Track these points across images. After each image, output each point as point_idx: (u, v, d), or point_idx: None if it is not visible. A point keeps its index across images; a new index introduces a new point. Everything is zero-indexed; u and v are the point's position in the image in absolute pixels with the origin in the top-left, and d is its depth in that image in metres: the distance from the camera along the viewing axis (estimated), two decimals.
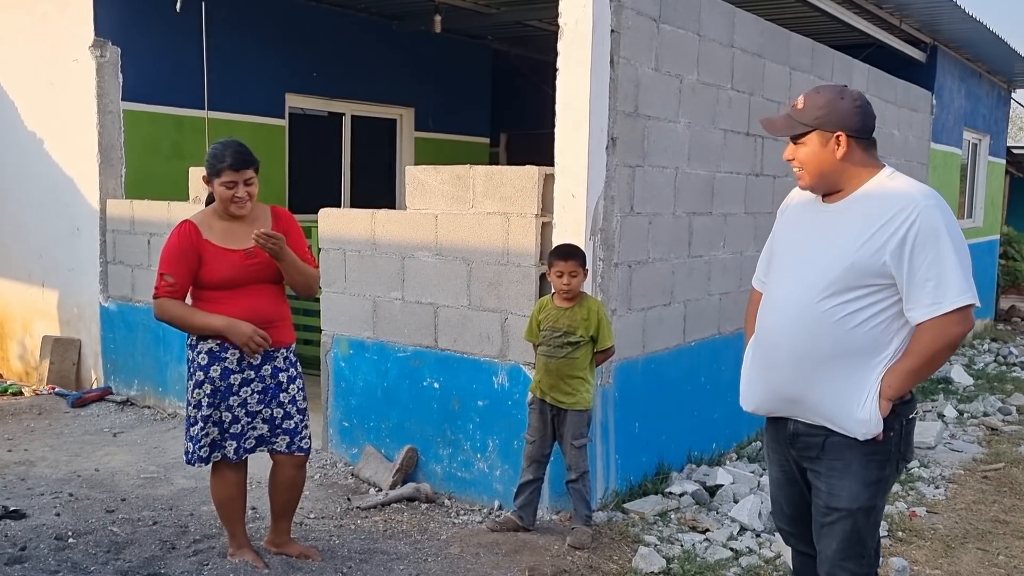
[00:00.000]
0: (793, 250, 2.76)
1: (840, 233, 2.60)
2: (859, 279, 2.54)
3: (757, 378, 2.82)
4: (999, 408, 7.58)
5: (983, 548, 4.47)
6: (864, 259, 2.52)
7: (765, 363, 2.78)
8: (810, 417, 2.70)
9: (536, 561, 3.96)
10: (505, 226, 4.56)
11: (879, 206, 2.55)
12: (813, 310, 2.60)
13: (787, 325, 2.67)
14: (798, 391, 2.68)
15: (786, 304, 2.69)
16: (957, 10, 7.98)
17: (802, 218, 2.79)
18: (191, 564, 3.80)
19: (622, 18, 4.49)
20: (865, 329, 2.56)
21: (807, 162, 2.65)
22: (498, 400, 4.65)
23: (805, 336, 2.62)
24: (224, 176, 3.53)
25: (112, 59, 6.67)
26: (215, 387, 3.56)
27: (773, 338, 2.73)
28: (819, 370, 2.61)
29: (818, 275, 2.61)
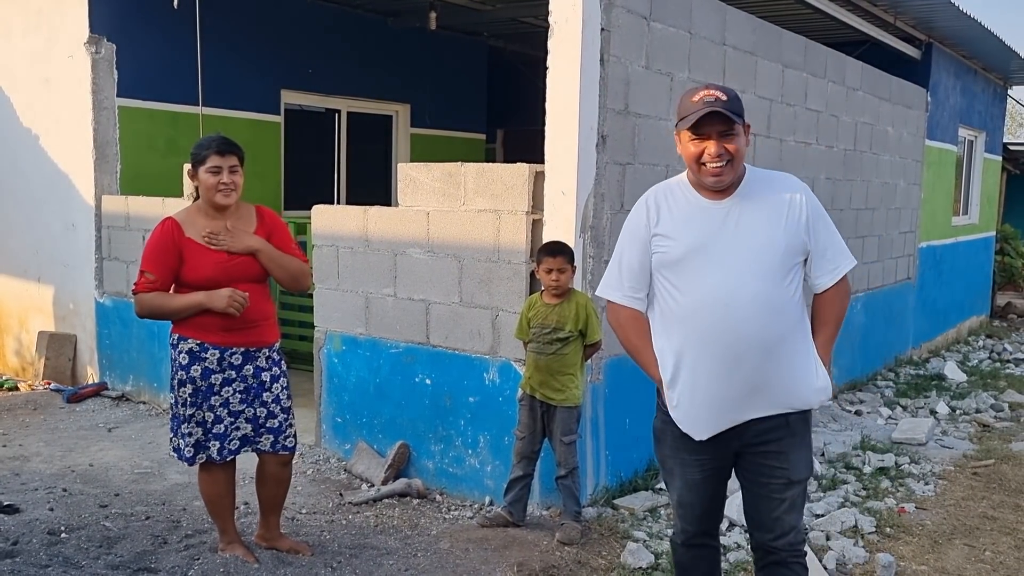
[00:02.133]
0: (712, 248, 2.71)
1: (760, 220, 2.72)
2: (791, 258, 2.74)
3: (711, 389, 2.73)
4: (991, 405, 7.61)
5: (970, 544, 4.50)
6: (792, 239, 2.74)
7: (726, 364, 2.70)
8: (771, 408, 2.76)
9: (525, 557, 3.99)
10: (496, 223, 4.58)
11: (774, 191, 2.77)
12: (772, 295, 2.70)
13: (757, 317, 2.68)
14: (761, 383, 2.72)
15: (749, 298, 2.68)
16: (951, 7, 7.99)
17: (697, 217, 2.75)
18: (182, 559, 3.83)
19: (612, 16, 4.51)
20: (797, 301, 2.78)
21: (737, 155, 2.69)
22: (489, 396, 4.68)
23: (772, 322, 2.70)
24: (209, 162, 3.56)
25: (107, 55, 6.69)
26: (196, 387, 3.58)
27: (738, 334, 2.68)
28: (778, 353, 2.72)
29: (763, 263, 2.70)
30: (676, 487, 2.95)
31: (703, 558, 3.08)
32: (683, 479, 2.91)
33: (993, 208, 12.92)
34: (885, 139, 8.30)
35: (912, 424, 6.61)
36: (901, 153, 8.76)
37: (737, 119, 2.66)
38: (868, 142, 7.90)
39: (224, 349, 3.61)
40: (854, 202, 7.70)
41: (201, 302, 3.54)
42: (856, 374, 8.12)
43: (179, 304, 3.57)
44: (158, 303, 3.58)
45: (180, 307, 3.57)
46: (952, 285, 10.89)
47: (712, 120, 2.64)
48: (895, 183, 8.68)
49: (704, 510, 2.97)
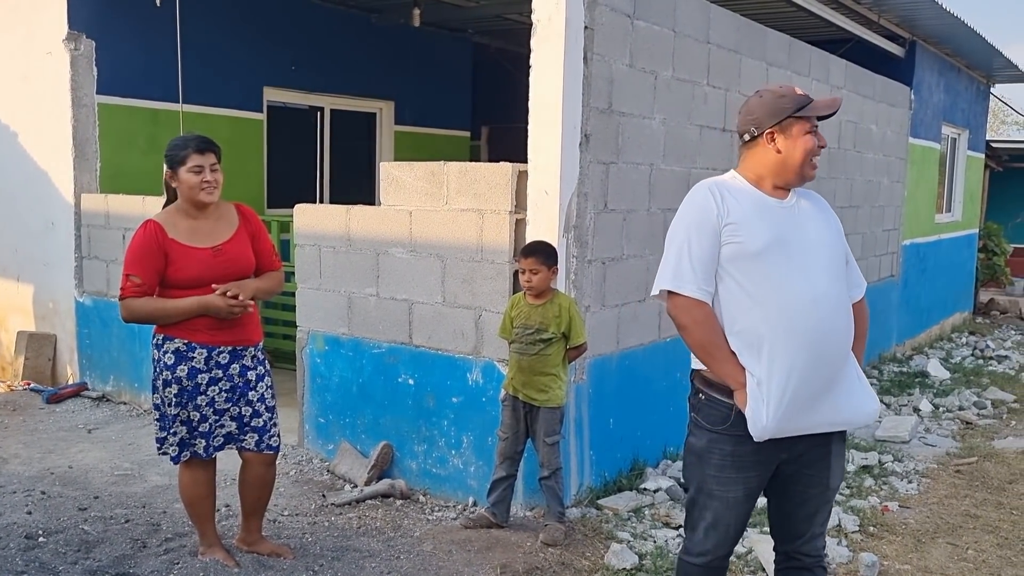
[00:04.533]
0: (789, 245, 2.64)
1: (821, 226, 2.76)
2: (844, 265, 2.79)
3: (798, 391, 2.59)
4: (974, 402, 7.64)
5: (953, 543, 4.51)
6: (843, 247, 2.80)
7: (811, 367, 2.59)
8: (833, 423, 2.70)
9: (508, 558, 3.97)
10: (479, 223, 4.55)
11: (815, 200, 2.83)
12: (845, 299, 2.73)
13: (836, 317, 2.66)
14: (835, 386, 2.66)
15: (830, 298, 2.64)
16: (935, 5, 8.01)
17: (769, 212, 2.68)
18: (161, 563, 3.79)
19: (596, 14, 4.49)
20: None
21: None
22: (472, 397, 4.65)
23: (848, 324, 2.71)
24: (190, 161, 3.54)
25: (86, 52, 6.61)
26: (182, 387, 3.54)
27: (823, 335, 2.60)
28: (847, 356, 2.72)
29: (835, 267, 2.72)
30: (713, 508, 2.76)
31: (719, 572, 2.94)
32: (724, 499, 2.73)
33: (976, 205, 12.99)
34: (869, 137, 8.32)
35: (895, 422, 6.63)
36: (885, 151, 8.78)
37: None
38: (852, 140, 7.91)
39: (212, 348, 3.58)
40: (838, 200, 7.70)
41: (197, 310, 3.51)
42: None
43: (173, 310, 3.53)
44: (150, 308, 3.53)
45: (175, 313, 3.53)
46: (935, 282, 10.94)
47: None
48: (879, 181, 8.70)
49: (737, 531, 2.82)
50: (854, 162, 8.00)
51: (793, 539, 2.85)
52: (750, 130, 2.72)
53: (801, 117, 2.67)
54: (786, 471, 2.77)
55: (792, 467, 2.75)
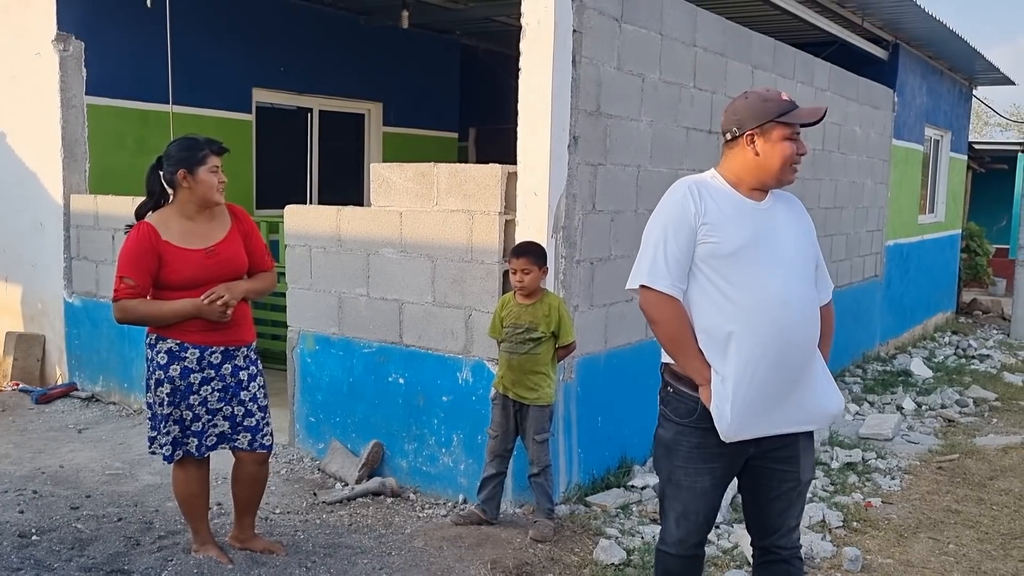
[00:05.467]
0: (762, 246, 2.70)
1: (792, 228, 2.81)
2: (813, 268, 2.85)
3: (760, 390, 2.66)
4: (956, 400, 7.75)
5: (934, 537, 4.60)
6: (813, 251, 2.86)
7: (774, 367, 2.66)
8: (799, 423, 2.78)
9: (499, 554, 4.02)
10: (469, 223, 4.60)
11: (789, 203, 2.88)
12: (812, 300, 2.80)
13: (804, 319, 2.73)
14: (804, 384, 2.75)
15: (799, 299, 2.71)
16: (917, 9, 8.12)
17: (744, 213, 2.74)
18: (155, 560, 3.82)
19: (584, 18, 4.55)
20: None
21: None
22: (462, 395, 4.71)
23: (814, 326, 2.79)
24: (210, 162, 3.62)
25: (76, 53, 6.63)
26: (175, 386, 3.58)
27: (790, 336, 2.67)
28: (812, 358, 2.79)
29: (804, 268, 2.79)
30: (682, 498, 2.84)
31: (694, 567, 3.02)
32: (692, 489, 2.81)
33: (959, 206, 13.14)
34: (853, 139, 8.42)
35: (879, 420, 6.72)
36: (868, 152, 8.89)
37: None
38: (836, 142, 8.01)
39: (204, 348, 3.61)
40: (822, 201, 7.80)
41: (191, 312, 3.55)
42: None
43: (168, 313, 3.56)
44: (143, 310, 3.56)
45: (169, 315, 3.56)
46: (918, 282, 11.07)
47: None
48: (862, 182, 8.81)
49: (707, 519, 2.90)
50: (838, 163, 8.10)
51: (769, 534, 2.92)
52: (732, 130, 2.77)
53: (783, 123, 2.69)
54: (756, 465, 2.84)
55: (761, 462, 2.83)
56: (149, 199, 3.74)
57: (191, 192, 3.61)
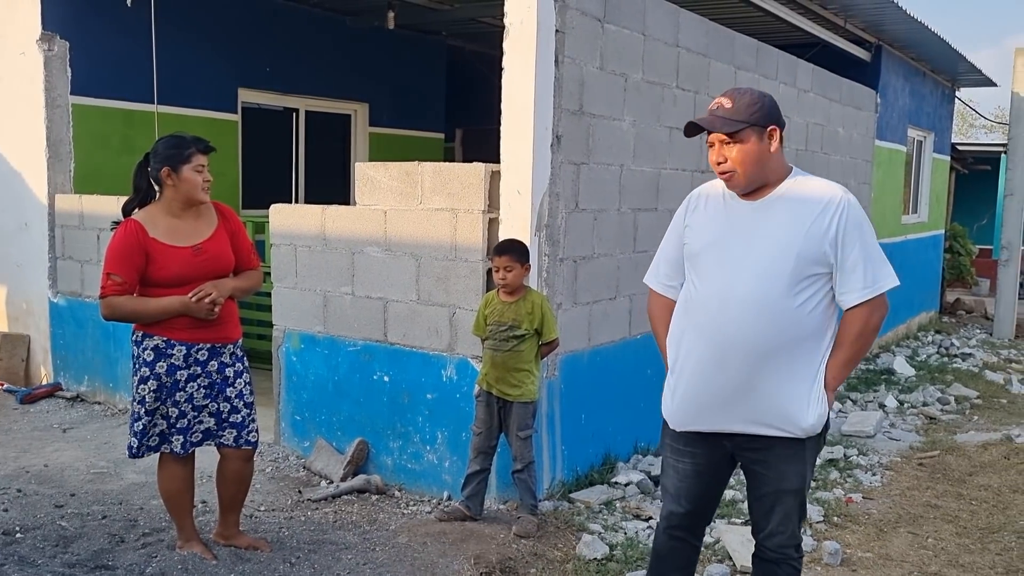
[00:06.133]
0: (727, 246, 2.78)
1: (779, 227, 2.72)
2: (805, 268, 2.69)
3: (699, 379, 2.79)
4: (938, 398, 7.83)
5: (914, 532, 4.65)
6: (808, 250, 2.68)
7: (715, 360, 2.75)
8: (754, 424, 2.76)
9: (482, 549, 4.05)
10: (453, 222, 4.63)
11: (807, 200, 2.72)
12: (772, 300, 2.69)
13: (746, 318, 2.70)
14: (747, 389, 2.72)
15: (740, 299, 2.71)
16: (899, 11, 8.20)
17: (723, 215, 2.82)
18: (139, 557, 3.84)
19: (567, 18, 4.59)
20: (813, 317, 2.72)
21: (743, 160, 2.71)
22: (447, 393, 4.73)
23: (765, 328, 2.69)
24: (195, 160, 3.62)
25: (60, 53, 6.62)
26: (161, 383, 3.60)
27: (728, 332, 2.72)
28: (772, 362, 2.70)
29: (771, 268, 2.69)
30: (668, 475, 3.00)
31: (679, 552, 3.07)
32: (675, 468, 2.96)
33: (942, 207, 13.25)
34: (836, 139, 8.49)
35: (861, 417, 6.79)
36: (851, 153, 8.96)
37: (742, 124, 2.69)
38: (819, 142, 8.08)
39: (190, 345, 3.63)
40: None
41: (178, 310, 3.56)
42: None
43: (155, 310, 3.57)
44: (131, 307, 3.58)
45: (156, 312, 3.57)
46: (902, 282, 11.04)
47: (717, 125, 2.72)
48: (845, 182, 8.85)
49: (691, 502, 2.96)
50: (821, 164, 8.17)
51: (757, 531, 2.97)
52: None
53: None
54: (742, 463, 2.90)
55: (741, 459, 2.89)
56: (136, 195, 3.75)
57: (175, 190, 3.63)
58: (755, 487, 2.90)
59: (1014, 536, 4.62)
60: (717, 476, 2.95)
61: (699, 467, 2.92)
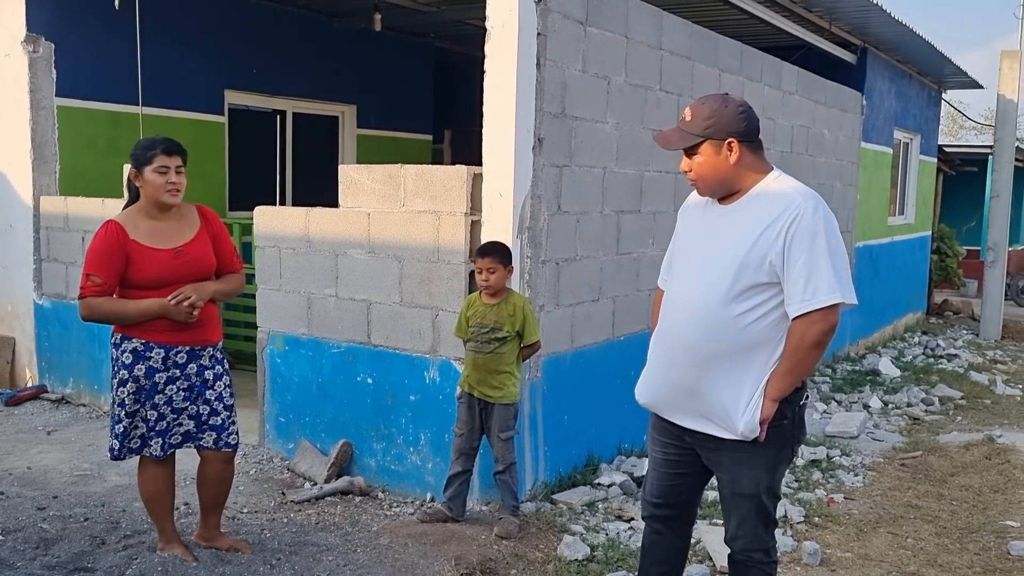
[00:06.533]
0: (693, 250, 2.89)
1: (733, 234, 2.75)
2: (750, 278, 2.69)
3: (656, 372, 2.94)
4: (922, 399, 7.87)
5: (894, 532, 4.68)
6: (753, 259, 2.68)
7: (666, 359, 2.89)
8: (703, 424, 2.83)
9: (463, 550, 4.06)
10: (435, 224, 4.65)
11: (765, 207, 2.71)
12: (713, 307, 2.74)
13: (688, 322, 2.79)
14: (692, 387, 2.81)
15: (688, 302, 2.82)
16: (884, 14, 8.25)
17: (700, 219, 2.92)
18: (120, 559, 3.84)
19: (548, 21, 4.61)
20: (758, 327, 2.72)
21: (703, 172, 2.78)
22: (430, 395, 4.75)
23: (705, 334, 2.75)
24: (157, 162, 3.59)
25: (45, 55, 6.62)
26: (139, 385, 3.60)
27: (675, 335, 2.85)
28: (714, 367, 2.75)
29: (716, 275, 2.74)
30: (648, 462, 3.16)
31: (659, 545, 3.14)
32: (652, 457, 3.11)
33: (929, 208, 13.31)
34: (821, 141, 8.53)
35: (845, 418, 6.82)
36: (837, 155, 9.01)
37: (696, 138, 2.75)
38: (804, 144, 8.12)
39: (169, 348, 3.64)
40: None
41: (157, 312, 3.56)
42: None
43: (134, 312, 3.57)
44: (109, 309, 3.58)
45: (135, 314, 3.57)
46: (888, 283, 11.21)
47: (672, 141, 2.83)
48: (831, 184, 8.92)
49: (662, 491, 3.05)
50: (807, 166, 8.21)
51: (725, 530, 3.02)
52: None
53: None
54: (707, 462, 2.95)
55: (704, 459, 2.94)
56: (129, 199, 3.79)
57: (144, 192, 3.64)
58: (719, 487, 2.98)
59: (993, 536, 4.65)
60: (689, 471, 3.00)
61: (669, 458, 3.01)
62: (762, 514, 2.88)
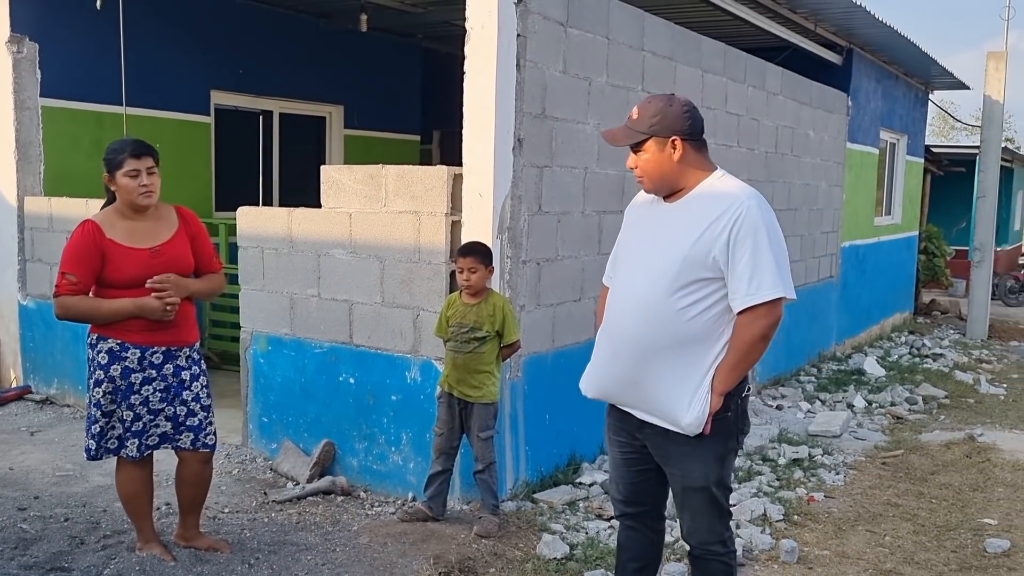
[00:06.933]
0: (638, 246, 2.97)
1: (677, 230, 2.83)
2: (693, 273, 2.77)
3: (601, 366, 3.00)
4: (906, 398, 7.91)
5: (872, 530, 4.71)
6: (696, 254, 2.76)
7: (610, 352, 2.95)
8: (643, 412, 2.90)
9: (442, 549, 4.08)
10: (416, 224, 4.67)
11: (709, 205, 2.80)
12: (654, 302, 2.81)
13: (631, 316, 2.87)
14: (635, 380, 2.87)
15: (630, 297, 2.89)
16: (869, 16, 8.28)
17: (645, 217, 3.01)
18: (98, 559, 3.85)
19: (528, 22, 4.63)
20: (700, 321, 2.79)
21: (648, 169, 2.87)
22: (411, 394, 4.76)
23: (647, 327, 2.82)
24: (126, 166, 3.59)
25: (30, 55, 6.61)
26: (115, 386, 3.61)
27: (618, 329, 2.92)
28: (656, 360, 2.82)
29: (659, 269, 2.82)
30: (610, 461, 3.20)
31: (633, 541, 3.22)
32: (611, 457, 3.16)
33: (915, 208, 13.36)
34: (806, 142, 8.57)
35: (828, 417, 6.85)
36: (823, 155, 9.05)
37: (641, 135, 2.83)
38: (789, 145, 8.15)
39: (145, 348, 3.64)
40: (776, 203, 7.92)
41: (132, 312, 3.57)
42: (780, 370, 8.37)
43: (108, 311, 3.58)
44: (84, 307, 3.58)
45: (109, 314, 3.58)
46: (875, 283, 11.26)
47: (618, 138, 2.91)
48: (817, 184, 8.96)
49: (627, 490, 3.12)
50: (792, 166, 8.25)
51: (680, 526, 3.07)
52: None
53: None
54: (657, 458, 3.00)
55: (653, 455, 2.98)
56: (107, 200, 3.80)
57: (119, 195, 3.65)
58: (671, 485, 3.02)
59: (970, 533, 4.69)
60: (649, 467, 3.04)
61: (627, 457, 3.07)
62: (715, 506, 2.93)
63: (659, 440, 2.91)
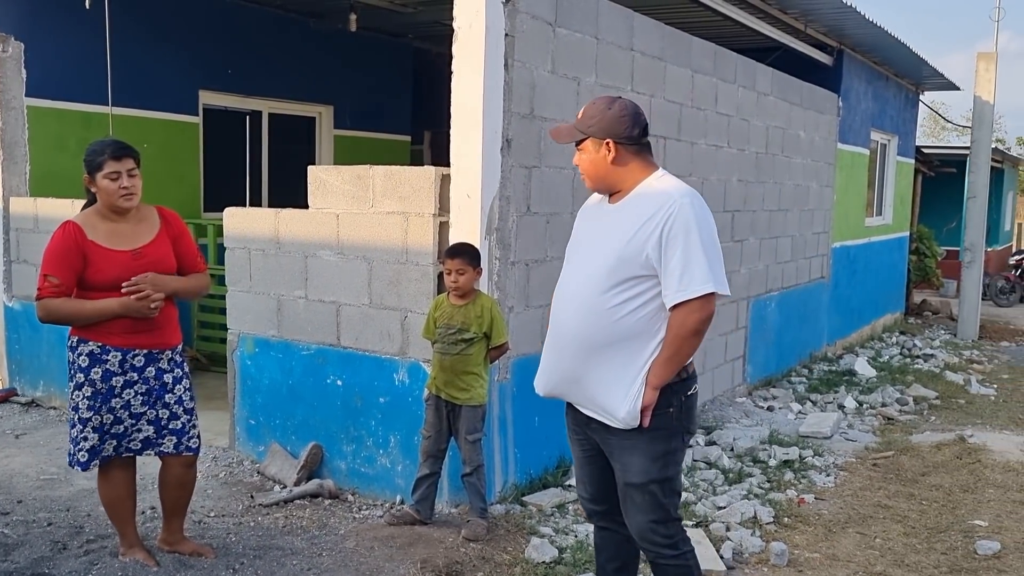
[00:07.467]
0: (582, 246, 3.03)
1: (615, 229, 2.88)
2: (627, 271, 2.82)
3: (548, 364, 3.06)
4: (897, 399, 7.90)
5: (862, 532, 4.69)
6: (630, 252, 2.81)
7: (555, 349, 3.02)
8: (587, 407, 2.96)
9: (429, 553, 4.05)
10: (404, 225, 4.63)
11: (645, 204, 2.85)
12: (591, 299, 2.87)
13: (571, 314, 2.93)
14: (577, 376, 2.93)
15: (571, 296, 2.96)
16: (860, 17, 8.28)
17: (592, 218, 3.06)
18: (80, 564, 3.80)
19: (516, 22, 4.60)
20: (635, 318, 2.84)
21: (585, 168, 2.97)
22: (399, 397, 4.73)
23: (585, 324, 2.88)
24: (107, 168, 3.55)
25: (15, 54, 6.56)
26: (96, 389, 3.56)
27: (560, 326, 2.98)
28: (595, 357, 2.87)
29: (597, 268, 2.88)
30: (573, 460, 3.23)
31: (608, 540, 3.26)
32: (573, 454, 3.20)
33: (906, 209, 13.38)
34: (797, 142, 8.56)
35: (818, 418, 6.84)
36: (813, 156, 9.04)
37: (581, 135, 2.93)
38: (780, 145, 8.14)
39: (126, 351, 3.60)
40: (767, 203, 7.92)
41: (116, 311, 3.53)
42: (771, 371, 8.36)
43: (91, 312, 3.53)
44: (67, 309, 3.54)
45: (93, 314, 3.53)
46: (866, 284, 11.26)
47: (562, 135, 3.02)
48: (807, 185, 8.95)
49: (592, 488, 3.16)
50: (782, 167, 8.23)
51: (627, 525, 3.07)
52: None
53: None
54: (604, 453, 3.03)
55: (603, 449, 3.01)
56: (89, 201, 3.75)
57: (99, 197, 3.61)
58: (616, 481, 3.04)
59: (960, 535, 4.67)
60: (606, 463, 3.05)
61: (586, 454, 3.12)
62: (655, 505, 2.93)
63: (604, 435, 2.97)
